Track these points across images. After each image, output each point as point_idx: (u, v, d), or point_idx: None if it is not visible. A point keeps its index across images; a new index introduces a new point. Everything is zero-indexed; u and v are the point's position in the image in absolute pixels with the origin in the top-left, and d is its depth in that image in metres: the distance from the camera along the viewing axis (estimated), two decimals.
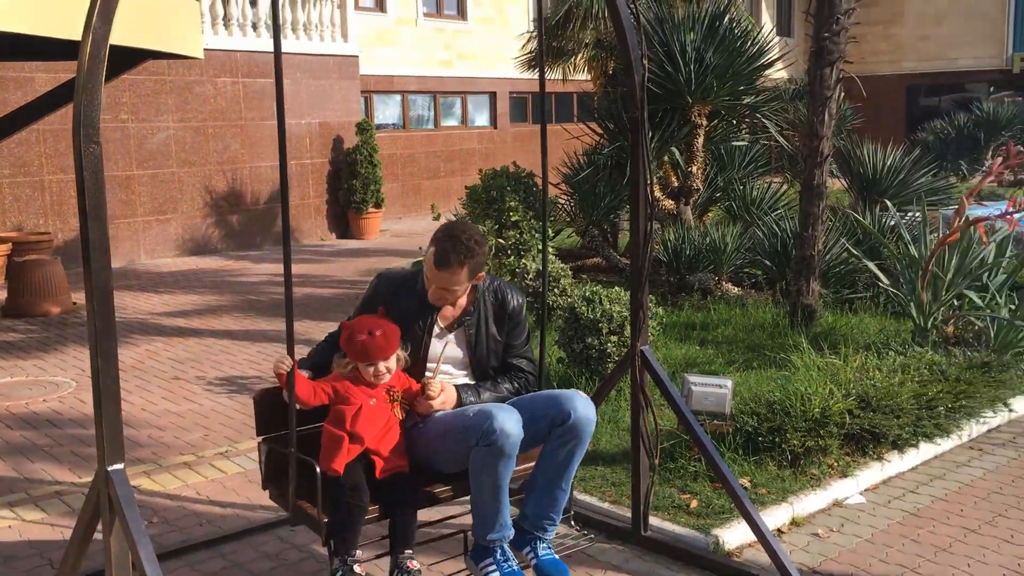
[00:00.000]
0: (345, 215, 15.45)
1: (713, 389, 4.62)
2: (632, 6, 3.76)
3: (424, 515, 3.38)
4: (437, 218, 8.90)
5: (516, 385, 3.51)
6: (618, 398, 5.46)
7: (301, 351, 3.39)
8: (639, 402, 3.94)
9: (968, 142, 20.55)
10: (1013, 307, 6.16)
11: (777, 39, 13.98)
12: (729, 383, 4.65)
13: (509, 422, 3.06)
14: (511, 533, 3.28)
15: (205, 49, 12.75)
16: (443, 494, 3.32)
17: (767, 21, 25.23)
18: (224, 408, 6.19)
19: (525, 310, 3.60)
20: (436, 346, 3.43)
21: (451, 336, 3.45)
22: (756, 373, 5.91)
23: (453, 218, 9.19)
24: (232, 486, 4.82)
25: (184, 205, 13.48)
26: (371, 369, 3.24)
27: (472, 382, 3.48)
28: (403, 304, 3.40)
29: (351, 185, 15.09)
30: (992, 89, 28.63)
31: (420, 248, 8.30)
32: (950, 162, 19.81)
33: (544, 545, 3.40)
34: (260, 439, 3.37)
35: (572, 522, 3.72)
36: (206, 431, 5.73)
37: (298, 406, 3.11)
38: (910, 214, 9.59)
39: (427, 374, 3.40)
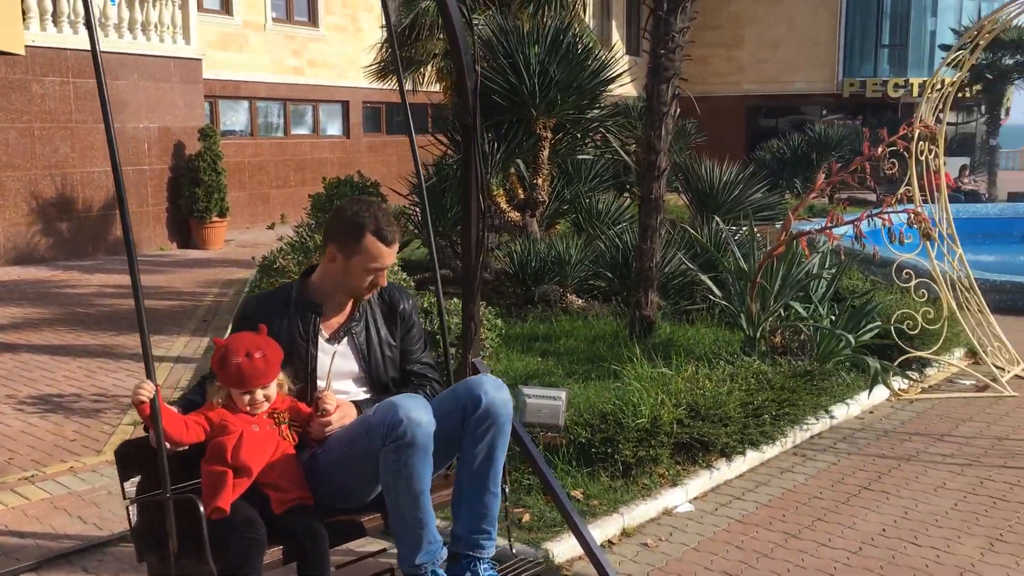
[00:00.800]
0: (187, 224, 14.79)
1: (547, 401, 4.60)
2: (464, 11, 3.70)
3: (338, 557, 3.02)
4: (271, 227, 8.63)
5: (423, 395, 3.08)
6: None
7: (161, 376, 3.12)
8: None
9: (802, 161, 21.67)
10: (834, 317, 6.45)
11: (626, 57, 14.38)
12: (563, 395, 4.64)
13: (416, 410, 2.73)
14: (444, 553, 2.92)
15: (31, 46, 11.97)
16: (364, 523, 2.93)
17: (617, 39, 25.90)
18: (34, 429, 5.73)
19: (418, 312, 3.33)
20: (324, 360, 3.04)
21: (339, 347, 3.08)
22: (595, 384, 5.94)
23: (292, 232, 8.91)
24: (35, 514, 4.44)
25: (7, 211, 12.56)
26: (246, 398, 2.81)
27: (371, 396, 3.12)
28: (277, 320, 3.00)
29: (193, 193, 14.46)
30: (824, 112, 30.41)
31: (256, 259, 7.94)
32: (785, 180, 20.84)
33: (486, 565, 3.04)
34: (128, 501, 2.79)
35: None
36: (11, 454, 5.28)
37: (169, 447, 2.63)
38: (744, 228, 9.99)
39: (319, 392, 3.01)
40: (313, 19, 19.01)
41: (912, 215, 5.81)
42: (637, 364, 5.51)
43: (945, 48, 25.76)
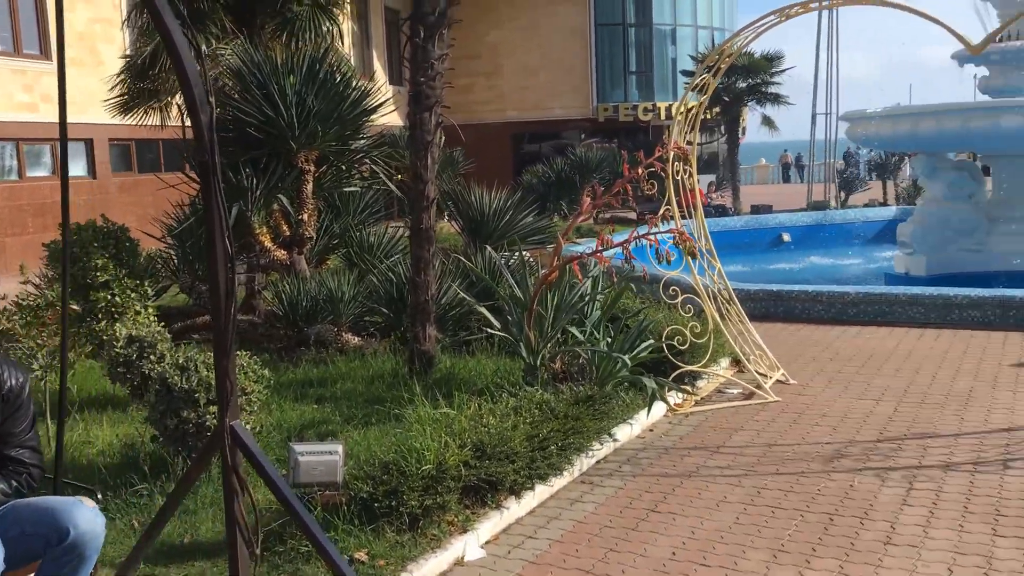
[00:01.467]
0: None
1: (323, 457, 4.23)
2: (191, 38, 3.30)
3: None
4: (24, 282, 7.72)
5: (14, 484, 2.88)
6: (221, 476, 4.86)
7: None
8: (232, 486, 3.43)
9: (567, 184, 22.42)
10: (610, 339, 6.50)
11: (390, 87, 14.20)
12: (339, 448, 4.29)
13: None
14: None
15: None
16: None
17: (379, 69, 25.71)
18: None
19: (28, 389, 2.98)
20: None
21: None
22: (376, 429, 5.63)
23: (36, 279, 7.96)
24: None
25: None
26: None
27: None
28: None
29: None
30: (583, 136, 31.77)
31: None
32: (552, 203, 21.47)
33: None
34: None
35: None
36: None
37: None
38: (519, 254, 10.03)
39: None
40: (45, 52, 17.45)
41: (677, 235, 5.95)
42: (418, 405, 5.25)
43: (687, 74, 27.66)
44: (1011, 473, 5.08)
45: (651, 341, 6.66)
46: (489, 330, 6.87)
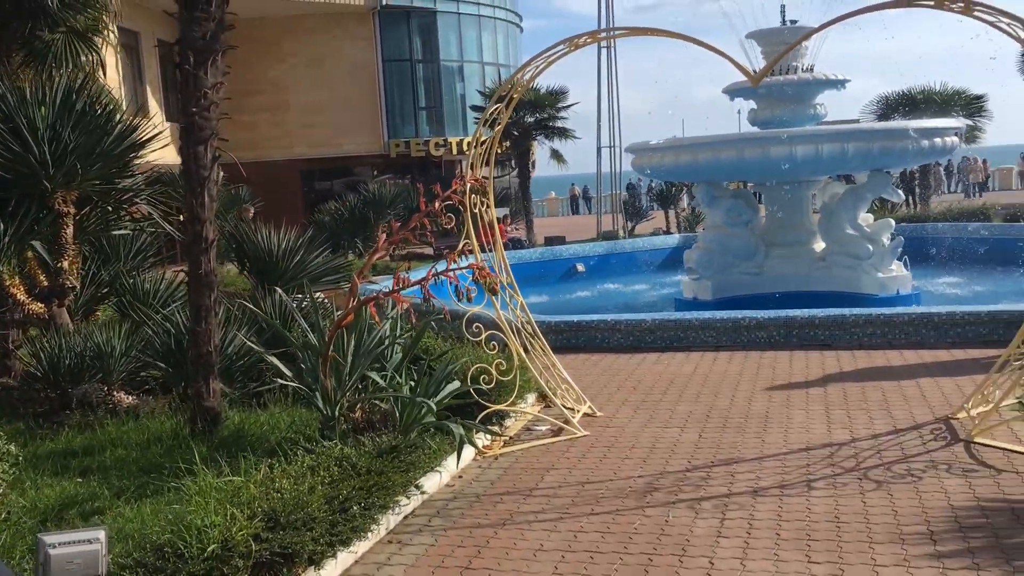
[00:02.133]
0: None
1: (80, 547, 3.58)
2: None
3: None
4: None
5: None
6: None
7: None
8: None
9: (360, 221, 21.89)
10: (414, 383, 6.14)
11: (167, 124, 13.24)
12: (101, 535, 3.65)
13: None
14: None
15: None
16: None
17: (154, 105, 24.22)
18: None
19: None
20: None
21: None
22: (151, 503, 4.95)
23: None
24: None
25: None
26: None
27: None
28: None
29: None
30: (376, 172, 31.35)
31: None
32: (347, 241, 20.89)
33: None
34: None
35: None
36: None
37: None
38: (315, 296, 9.48)
39: None
40: None
41: (477, 271, 5.69)
42: (199, 472, 4.65)
43: (476, 109, 27.91)
44: (815, 494, 5.13)
45: (456, 383, 6.36)
46: (280, 380, 6.31)
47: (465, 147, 30.87)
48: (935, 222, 19.07)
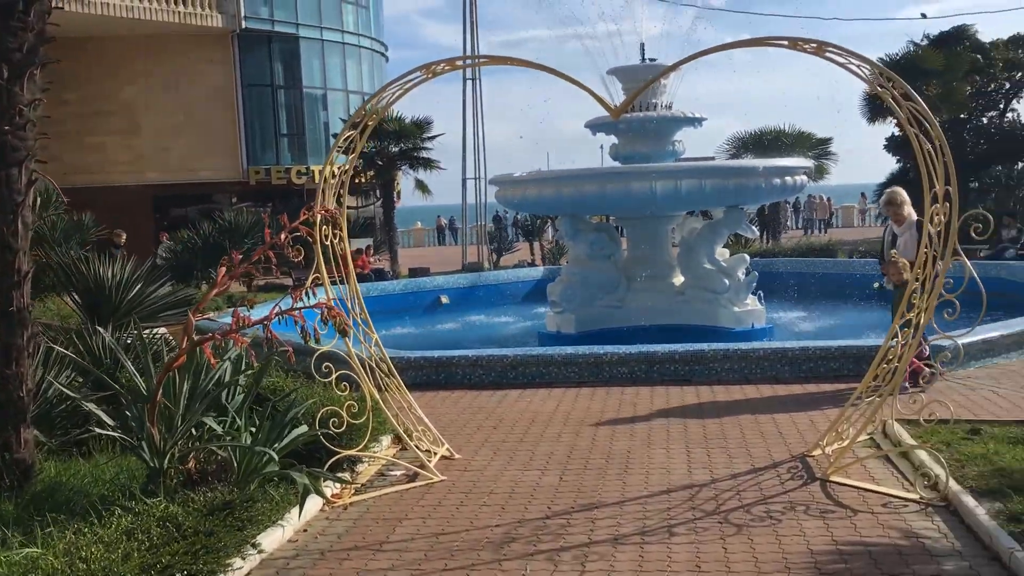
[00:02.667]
0: None
1: None
2: None
3: None
4: None
5: None
6: None
7: None
8: None
9: (216, 250, 20.89)
10: (254, 430, 5.66)
11: None
12: None
13: None
14: None
15: None
16: None
17: None
18: None
19: None
20: None
21: None
22: None
23: None
24: None
25: None
26: None
27: None
28: None
29: None
30: (235, 199, 30.26)
31: None
32: (201, 271, 19.91)
33: None
34: None
35: None
36: None
37: None
38: (156, 331, 8.80)
39: None
40: None
41: (326, 310, 5.29)
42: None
43: (338, 136, 27.46)
44: (676, 541, 4.97)
45: (303, 427, 5.91)
46: (99, 430, 5.70)
47: (318, 175, 30.27)
48: (786, 257, 19.81)
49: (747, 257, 13.37)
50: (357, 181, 26.51)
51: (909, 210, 9.03)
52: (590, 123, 14.19)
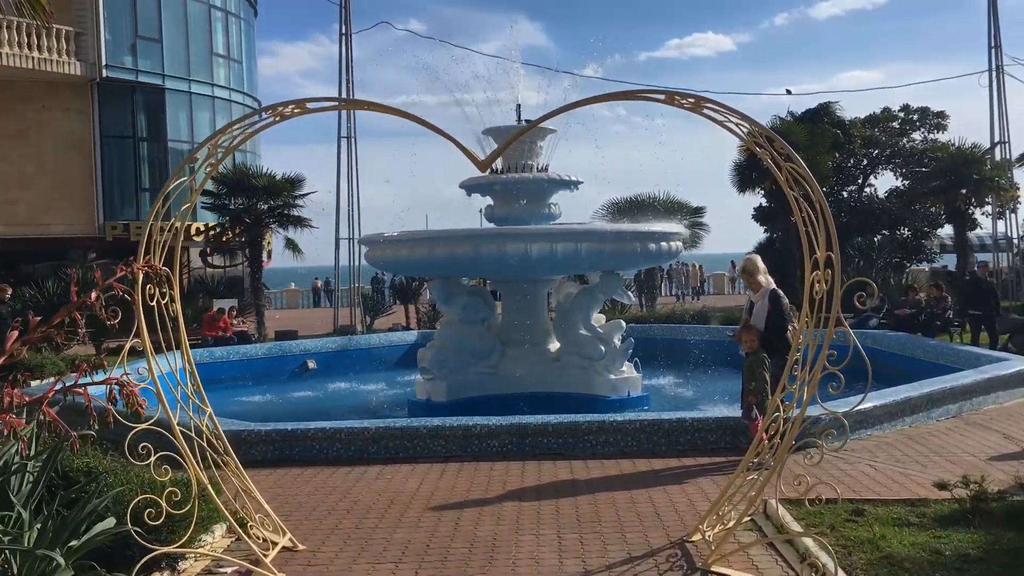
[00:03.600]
0: None
1: None
2: None
3: None
4: None
5: None
6: None
7: None
8: None
9: (59, 309, 19.36)
10: (40, 527, 4.73)
11: None
12: None
13: None
14: None
15: None
16: None
17: None
18: None
19: None
20: None
21: None
22: None
23: None
24: None
25: None
26: None
27: None
28: None
29: None
30: (93, 255, 28.46)
31: None
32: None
33: None
34: None
35: None
36: None
37: None
38: None
39: None
40: None
41: (119, 386, 4.46)
42: None
43: (204, 193, 26.20)
44: None
45: (110, 521, 5.01)
46: None
47: (193, 232, 28.80)
48: (660, 323, 19.75)
49: (623, 323, 13.06)
50: (225, 239, 25.31)
51: (764, 278, 8.88)
52: (465, 183, 13.74)
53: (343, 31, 25.34)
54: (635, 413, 8.98)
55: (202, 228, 28.15)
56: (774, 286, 8.86)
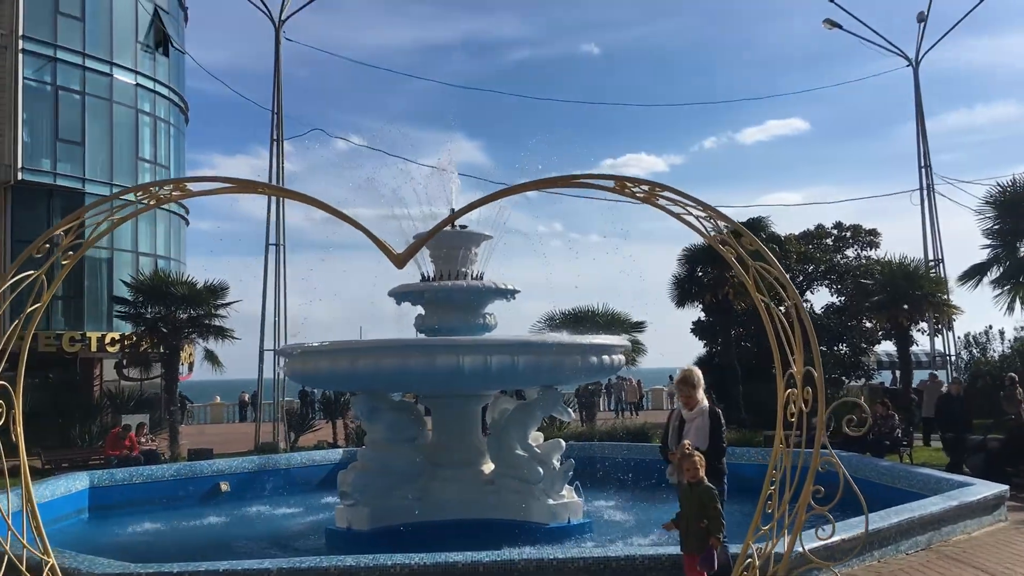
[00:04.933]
0: None
1: None
2: None
3: None
4: None
5: None
6: None
7: None
8: None
9: None
10: None
11: None
12: None
13: None
14: None
15: None
16: None
17: None
18: None
19: None
20: None
21: None
22: None
23: None
24: None
25: None
26: None
27: None
28: None
29: None
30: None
31: None
32: None
33: None
34: None
35: None
36: None
37: None
38: None
39: None
40: None
41: None
42: None
43: (119, 301, 24.74)
44: None
45: None
46: None
47: (107, 343, 27.15)
48: (601, 441, 18.75)
49: (563, 443, 12.07)
50: (140, 349, 23.80)
51: (702, 394, 8.07)
52: (394, 291, 12.85)
53: (275, 136, 24.73)
54: (579, 549, 7.92)
55: (116, 338, 26.56)
56: (709, 404, 8.06)
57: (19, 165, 25.96)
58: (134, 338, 23.40)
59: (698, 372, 8.12)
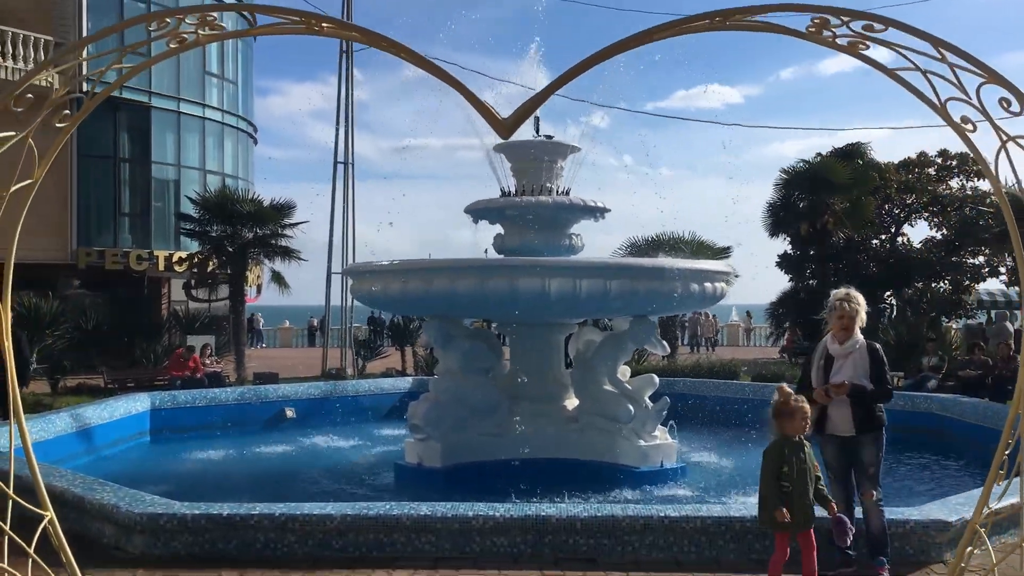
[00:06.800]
0: None
1: None
2: None
3: None
4: None
5: None
6: None
7: None
8: None
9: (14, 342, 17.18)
10: None
11: None
12: None
13: None
14: None
15: None
16: None
17: None
18: None
19: None
20: None
21: None
22: None
23: None
24: None
25: None
26: None
27: None
28: None
29: None
30: (78, 284, 26.35)
31: None
32: None
33: None
34: None
35: None
36: None
37: None
38: None
39: None
40: None
41: None
42: None
43: (184, 218, 24.04)
44: None
45: None
46: None
47: (175, 262, 26.59)
48: (686, 377, 17.47)
49: (656, 379, 10.82)
50: (208, 268, 23.14)
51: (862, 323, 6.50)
52: (471, 207, 11.61)
53: (343, 48, 23.44)
54: (694, 507, 6.67)
55: (183, 257, 25.95)
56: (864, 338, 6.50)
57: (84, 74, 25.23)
58: (200, 257, 22.74)
59: (859, 295, 6.57)
